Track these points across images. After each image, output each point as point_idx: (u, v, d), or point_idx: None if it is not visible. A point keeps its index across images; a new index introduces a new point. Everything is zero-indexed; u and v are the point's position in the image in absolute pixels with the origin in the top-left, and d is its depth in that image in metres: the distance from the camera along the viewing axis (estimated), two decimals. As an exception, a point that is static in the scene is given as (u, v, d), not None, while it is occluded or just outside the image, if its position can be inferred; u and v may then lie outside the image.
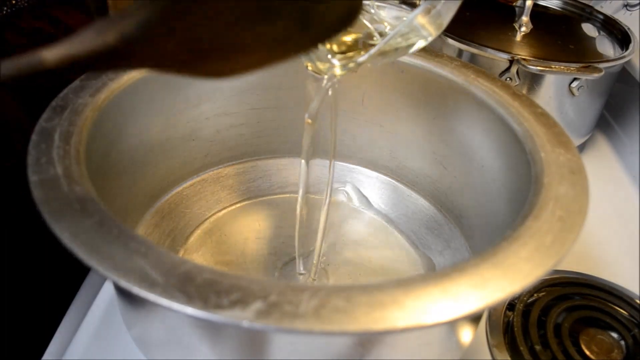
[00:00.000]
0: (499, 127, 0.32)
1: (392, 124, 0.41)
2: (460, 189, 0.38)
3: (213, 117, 0.40)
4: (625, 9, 0.63)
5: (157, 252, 0.20)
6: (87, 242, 0.20)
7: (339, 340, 0.23)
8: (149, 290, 0.18)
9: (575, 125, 0.54)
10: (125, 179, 0.34)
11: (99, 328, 0.34)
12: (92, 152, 0.27)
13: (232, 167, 0.43)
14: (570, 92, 0.50)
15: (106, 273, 0.19)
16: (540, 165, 0.27)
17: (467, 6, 0.59)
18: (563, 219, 0.24)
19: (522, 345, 0.34)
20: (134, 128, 0.34)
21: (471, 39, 0.49)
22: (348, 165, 0.44)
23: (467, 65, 0.36)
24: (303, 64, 0.29)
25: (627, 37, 0.54)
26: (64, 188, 0.23)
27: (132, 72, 0.32)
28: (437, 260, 0.38)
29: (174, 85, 0.36)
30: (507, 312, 0.37)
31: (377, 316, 0.18)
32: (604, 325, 0.36)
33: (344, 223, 0.41)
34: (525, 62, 0.47)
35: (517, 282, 0.20)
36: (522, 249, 0.22)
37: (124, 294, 0.28)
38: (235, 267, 0.37)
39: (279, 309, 0.18)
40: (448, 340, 0.27)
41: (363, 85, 0.40)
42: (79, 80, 0.30)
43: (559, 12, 0.62)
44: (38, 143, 0.25)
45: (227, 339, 0.24)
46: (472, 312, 0.19)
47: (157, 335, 0.27)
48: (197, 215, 0.40)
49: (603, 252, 0.45)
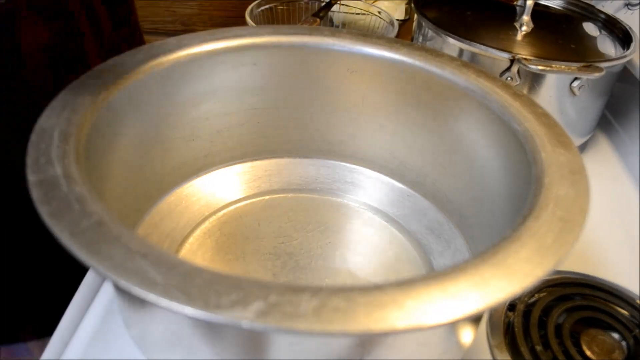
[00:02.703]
0: (500, 127, 0.32)
1: (392, 124, 0.41)
2: (461, 189, 0.38)
3: (213, 117, 0.40)
4: (627, 8, 0.63)
5: (157, 252, 0.20)
6: (86, 242, 0.20)
7: (339, 340, 0.23)
8: (149, 291, 0.18)
9: (576, 125, 0.54)
10: (125, 179, 0.34)
11: (99, 328, 0.34)
12: (92, 152, 0.27)
13: (232, 167, 0.43)
14: (571, 92, 0.49)
15: (106, 273, 0.19)
16: (540, 165, 0.27)
17: (468, 6, 0.59)
18: (564, 219, 0.24)
19: (522, 345, 0.34)
20: (133, 128, 0.34)
21: (472, 38, 0.49)
22: (348, 165, 0.44)
23: (468, 64, 0.36)
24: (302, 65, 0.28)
25: (628, 36, 0.53)
26: (63, 188, 0.22)
27: (132, 72, 0.32)
28: (437, 261, 0.38)
29: (173, 85, 0.36)
30: (508, 312, 0.37)
31: (377, 316, 0.18)
32: (605, 325, 0.36)
33: (344, 223, 0.41)
34: (526, 61, 0.47)
35: (518, 282, 0.20)
36: (522, 249, 0.22)
37: (123, 294, 0.28)
38: (235, 267, 0.37)
39: (279, 309, 0.18)
40: (448, 341, 0.27)
41: (363, 86, 0.40)
42: (78, 80, 0.30)
43: (560, 11, 0.62)
44: (37, 143, 0.25)
45: (227, 339, 0.24)
46: (473, 313, 0.19)
47: (157, 336, 0.27)
48: (197, 215, 0.40)
49: (604, 252, 0.45)
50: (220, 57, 0.37)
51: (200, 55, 0.36)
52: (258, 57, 0.38)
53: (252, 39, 0.38)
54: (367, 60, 0.38)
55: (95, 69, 0.31)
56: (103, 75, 0.31)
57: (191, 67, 0.36)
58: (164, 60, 0.34)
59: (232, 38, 0.37)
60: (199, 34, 0.36)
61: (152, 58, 0.33)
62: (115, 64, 0.32)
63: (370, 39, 0.38)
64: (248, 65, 0.38)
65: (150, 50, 0.34)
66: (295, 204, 0.42)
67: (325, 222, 0.41)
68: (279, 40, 0.38)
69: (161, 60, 0.34)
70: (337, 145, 0.44)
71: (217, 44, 0.36)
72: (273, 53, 0.39)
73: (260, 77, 0.40)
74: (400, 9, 0.74)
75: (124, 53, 0.33)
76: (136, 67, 0.32)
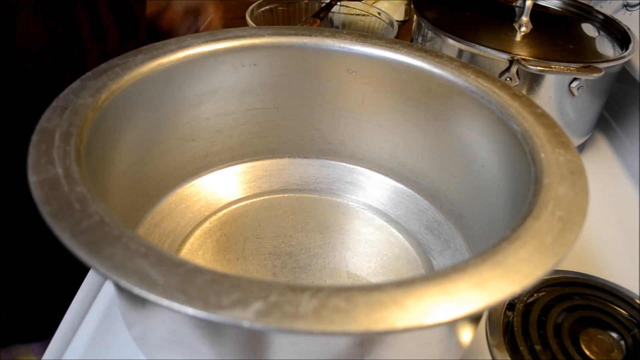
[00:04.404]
0: (499, 127, 0.33)
1: (392, 125, 0.41)
2: (460, 189, 0.38)
3: (213, 118, 0.40)
4: (625, 9, 0.63)
5: (157, 252, 0.20)
6: (87, 242, 0.20)
7: (339, 340, 0.23)
8: (150, 291, 0.18)
9: (575, 125, 0.54)
10: (125, 179, 0.34)
11: (99, 328, 0.34)
12: (92, 153, 0.27)
13: (232, 167, 0.43)
14: (570, 92, 0.50)
15: (106, 273, 0.19)
16: (540, 166, 0.27)
17: (467, 6, 0.59)
18: (563, 219, 0.24)
19: (522, 345, 0.34)
20: (134, 128, 0.34)
21: (471, 39, 0.49)
22: (348, 165, 0.45)
23: (467, 65, 0.36)
24: (302, 66, 0.29)
25: (627, 37, 0.54)
26: (64, 188, 0.23)
27: (132, 72, 0.32)
28: (436, 260, 0.38)
29: (174, 85, 0.36)
30: (507, 312, 0.37)
31: (377, 316, 0.18)
32: (604, 325, 0.36)
33: (344, 223, 0.41)
34: (525, 62, 0.47)
35: (517, 282, 0.20)
36: (522, 249, 0.22)
37: (124, 294, 0.28)
38: (235, 267, 0.37)
39: (280, 309, 0.18)
40: (448, 341, 0.27)
41: (363, 86, 0.40)
42: (79, 81, 0.30)
43: (558, 12, 0.62)
44: (38, 143, 0.25)
45: (228, 339, 0.24)
46: (472, 312, 0.19)
47: (158, 335, 0.27)
48: (197, 215, 0.40)
49: (603, 252, 0.45)
50: (221, 57, 0.37)
51: (201, 55, 0.36)
52: (258, 57, 0.38)
53: (253, 40, 0.38)
54: (367, 60, 0.39)
55: (96, 69, 0.31)
56: (104, 76, 0.31)
57: (192, 67, 0.36)
58: (165, 60, 0.34)
59: (233, 39, 0.37)
60: (199, 34, 0.37)
61: (153, 58, 0.33)
62: (116, 65, 0.32)
63: (370, 40, 0.38)
64: (248, 65, 0.38)
65: (151, 50, 0.34)
66: (295, 204, 0.42)
67: (325, 222, 0.41)
68: (279, 41, 0.38)
69: (162, 60, 0.34)
70: (337, 145, 0.44)
71: (218, 45, 0.36)
72: (273, 54, 0.39)
73: (260, 77, 0.40)
74: (399, 10, 0.74)
75: (125, 53, 0.33)
76: (137, 67, 0.32)
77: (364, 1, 0.68)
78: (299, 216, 0.41)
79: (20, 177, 0.25)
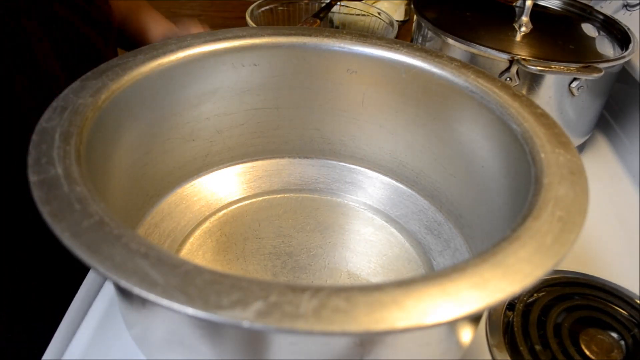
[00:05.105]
0: (499, 127, 0.33)
1: (392, 125, 0.41)
2: (460, 189, 0.38)
3: (213, 118, 0.40)
4: (625, 9, 0.63)
5: (157, 252, 0.20)
6: (87, 242, 0.20)
7: (339, 340, 0.23)
8: (150, 291, 0.18)
9: (575, 125, 0.54)
10: (125, 179, 0.34)
11: (99, 328, 0.34)
12: (92, 153, 0.27)
13: (232, 167, 0.43)
14: (570, 92, 0.50)
15: (106, 273, 0.19)
16: (540, 166, 0.27)
17: (467, 6, 0.59)
18: (563, 219, 0.24)
19: (522, 345, 0.34)
20: (134, 128, 0.34)
21: (471, 39, 0.49)
22: (348, 165, 0.45)
23: (467, 65, 0.36)
24: (302, 66, 0.29)
25: (627, 37, 0.54)
26: (64, 188, 0.23)
27: (132, 72, 0.32)
28: (436, 260, 0.38)
29: (174, 85, 0.36)
30: (507, 312, 0.37)
31: (377, 316, 0.18)
32: (604, 325, 0.36)
33: (344, 223, 0.41)
34: (525, 62, 0.47)
35: (517, 282, 0.20)
36: (522, 249, 0.22)
37: (124, 294, 0.28)
38: (235, 267, 0.37)
39: (280, 309, 0.18)
40: (448, 340, 0.27)
41: (363, 86, 0.40)
42: (79, 81, 0.30)
43: (558, 12, 0.62)
44: (38, 143, 0.25)
45: (228, 339, 0.24)
46: (472, 312, 0.19)
47: (158, 335, 0.27)
48: (197, 215, 0.40)
49: (603, 252, 0.45)
50: (221, 57, 0.37)
51: (201, 55, 0.36)
52: (258, 57, 0.38)
53: (253, 40, 0.38)
54: (367, 60, 0.39)
55: (97, 69, 0.31)
56: (104, 76, 0.31)
57: (192, 67, 0.36)
58: (165, 60, 0.34)
59: (233, 39, 0.37)
60: (199, 34, 0.37)
61: (153, 58, 0.33)
62: (116, 65, 0.32)
63: (370, 40, 0.38)
64: (248, 65, 0.39)
65: (151, 50, 0.34)
66: (295, 204, 0.42)
67: (325, 222, 0.41)
68: (279, 41, 0.38)
69: (162, 60, 0.34)
70: (337, 145, 0.44)
71: (218, 45, 0.36)
72: (273, 54, 0.39)
73: (260, 77, 0.40)
74: (399, 10, 0.74)
75: (125, 53, 0.33)
76: (137, 67, 0.32)
77: (364, 1, 0.68)
78: (299, 216, 0.41)
79: (20, 177, 0.25)
